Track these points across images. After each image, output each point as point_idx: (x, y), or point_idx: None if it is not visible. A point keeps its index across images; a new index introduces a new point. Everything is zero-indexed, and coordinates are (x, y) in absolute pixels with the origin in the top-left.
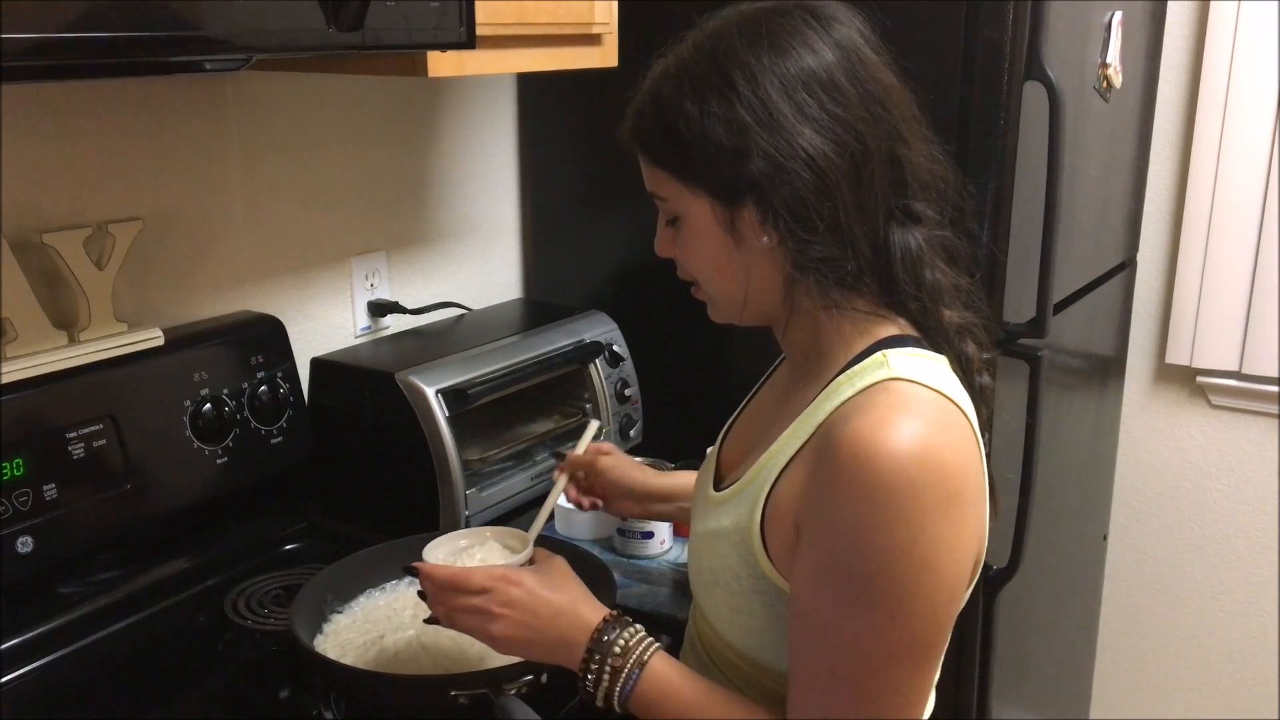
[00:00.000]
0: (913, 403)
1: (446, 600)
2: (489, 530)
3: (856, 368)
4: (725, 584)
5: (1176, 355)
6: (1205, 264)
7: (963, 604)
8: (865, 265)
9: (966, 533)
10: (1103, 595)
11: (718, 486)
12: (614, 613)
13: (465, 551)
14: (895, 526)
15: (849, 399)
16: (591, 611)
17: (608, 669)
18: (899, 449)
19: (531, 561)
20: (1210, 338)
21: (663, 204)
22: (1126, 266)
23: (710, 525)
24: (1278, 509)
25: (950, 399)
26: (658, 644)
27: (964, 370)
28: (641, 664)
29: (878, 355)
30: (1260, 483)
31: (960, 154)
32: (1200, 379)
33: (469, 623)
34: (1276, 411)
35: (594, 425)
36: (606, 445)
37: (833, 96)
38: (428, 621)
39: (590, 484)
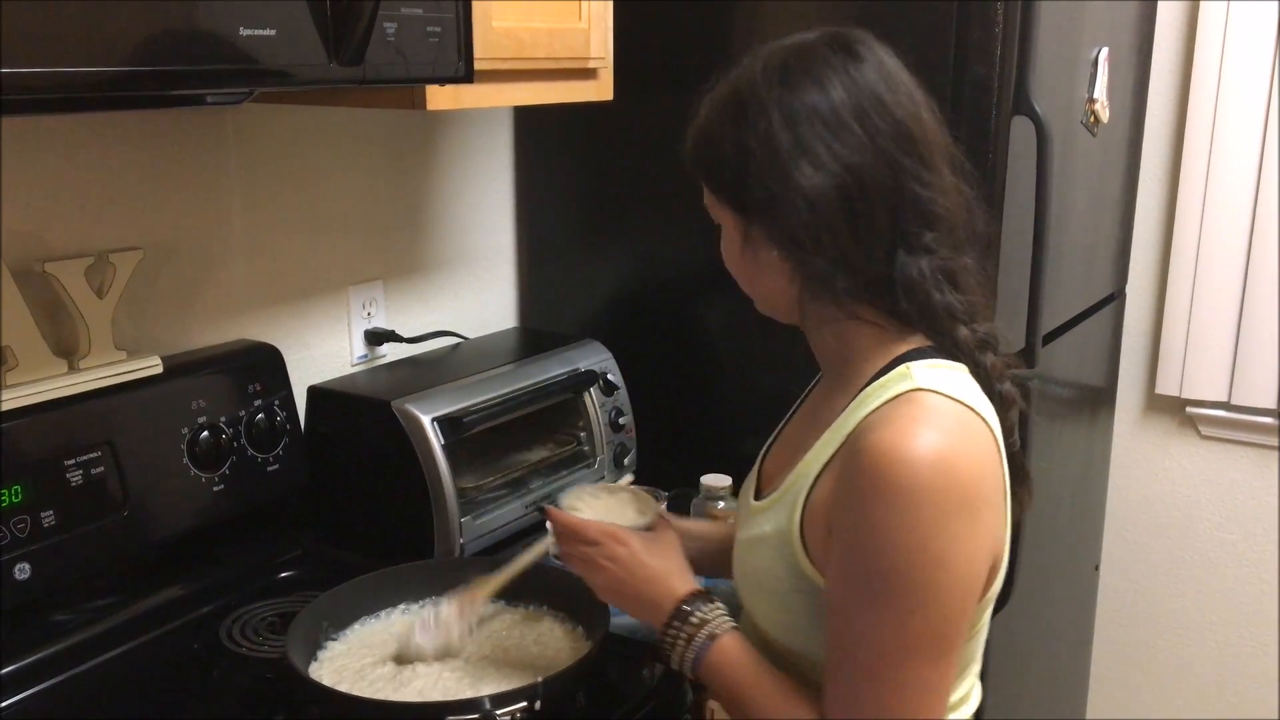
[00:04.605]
0: (933, 414)
1: (566, 543)
2: (627, 490)
3: (882, 380)
4: (768, 586)
5: (1166, 386)
6: (1194, 295)
7: (981, 603)
8: (863, 285)
9: (980, 534)
10: (1095, 625)
11: (758, 496)
12: (701, 588)
13: (602, 497)
14: (913, 527)
15: (875, 409)
16: (682, 584)
17: (683, 636)
18: (917, 457)
19: (651, 528)
20: (1199, 368)
21: (710, 211)
22: (1116, 297)
23: (752, 532)
24: (1276, 539)
25: (971, 408)
26: (734, 624)
27: (985, 379)
28: (713, 636)
29: (902, 368)
30: (1250, 513)
31: None
32: (1190, 409)
33: (579, 567)
34: (1266, 442)
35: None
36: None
37: (835, 133)
38: (555, 558)
39: None
